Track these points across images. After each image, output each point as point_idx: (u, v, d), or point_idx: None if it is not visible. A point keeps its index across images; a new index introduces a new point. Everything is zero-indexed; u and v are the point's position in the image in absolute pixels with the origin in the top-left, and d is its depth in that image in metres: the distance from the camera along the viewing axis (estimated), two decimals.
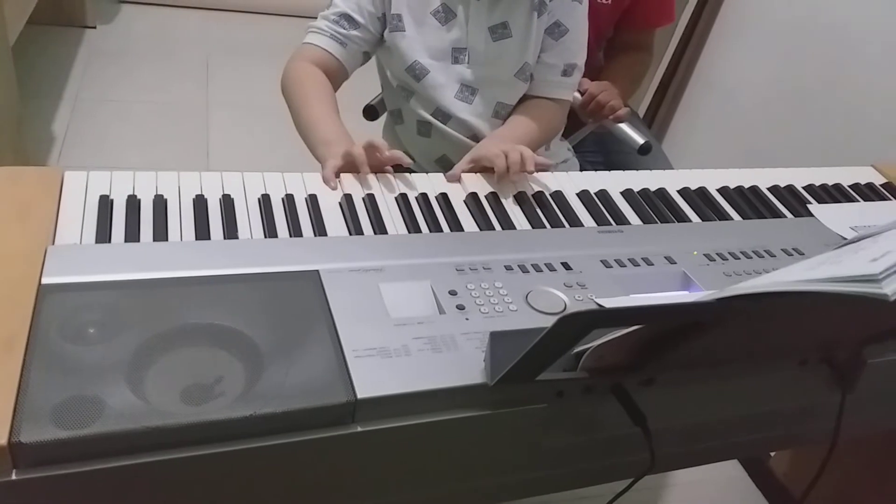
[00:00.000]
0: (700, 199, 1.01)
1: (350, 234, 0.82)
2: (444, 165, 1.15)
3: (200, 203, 0.82)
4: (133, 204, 0.79)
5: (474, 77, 1.09)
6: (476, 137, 1.12)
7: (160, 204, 0.80)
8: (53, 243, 0.71)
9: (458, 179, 0.96)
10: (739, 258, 0.87)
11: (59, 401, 0.54)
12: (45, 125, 2.10)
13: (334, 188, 0.89)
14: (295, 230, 0.81)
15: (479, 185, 0.96)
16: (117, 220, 0.77)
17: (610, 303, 0.74)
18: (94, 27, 2.61)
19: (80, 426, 0.53)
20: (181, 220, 0.79)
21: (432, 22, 1.07)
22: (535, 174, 0.99)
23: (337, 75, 1.08)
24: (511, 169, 0.94)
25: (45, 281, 0.65)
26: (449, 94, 1.10)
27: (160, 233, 0.77)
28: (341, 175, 0.91)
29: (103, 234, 0.74)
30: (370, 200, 0.88)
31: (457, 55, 1.08)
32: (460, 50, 1.08)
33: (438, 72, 1.08)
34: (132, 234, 0.76)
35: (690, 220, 0.97)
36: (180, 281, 0.68)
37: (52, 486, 0.54)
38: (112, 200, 0.79)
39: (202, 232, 0.78)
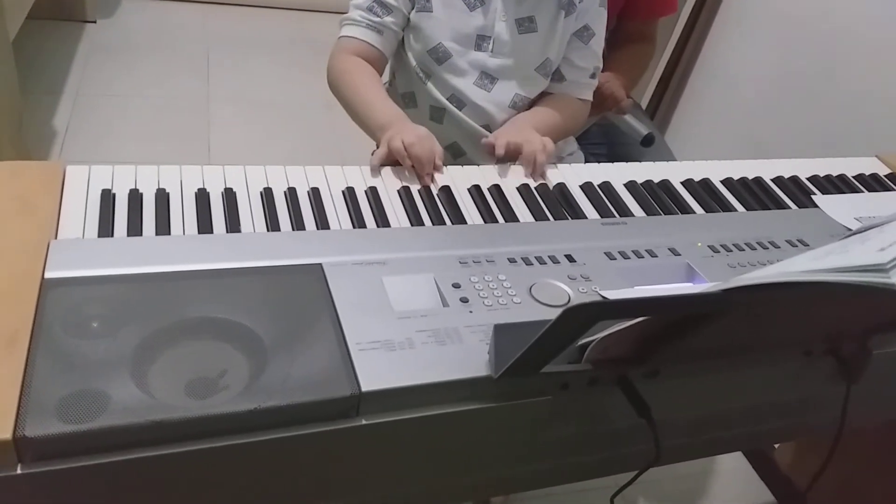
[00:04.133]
0: (704, 190, 1.01)
1: (353, 227, 0.82)
2: (453, 152, 1.15)
3: (203, 197, 0.81)
4: (135, 198, 0.79)
5: (495, 66, 1.10)
6: (489, 126, 1.12)
7: (162, 198, 0.80)
8: (56, 238, 0.71)
9: (492, 150, 1.00)
10: (744, 250, 0.87)
11: (64, 395, 0.54)
12: (46, 120, 2.09)
13: (375, 172, 0.92)
14: (297, 223, 0.81)
15: (482, 177, 0.96)
16: (119, 215, 0.77)
17: (614, 295, 0.74)
18: (95, 21, 2.60)
19: (84, 420, 0.53)
20: (183, 214, 0.79)
21: (460, 5, 1.07)
22: None
23: (378, 63, 1.10)
24: (537, 168, 0.98)
25: (48, 275, 0.65)
26: (468, 80, 1.10)
27: (163, 227, 0.76)
28: (344, 168, 0.91)
29: (106, 229, 0.74)
30: (373, 193, 0.88)
31: (480, 42, 1.09)
32: (484, 38, 1.08)
33: (460, 56, 1.09)
34: (135, 228, 0.75)
35: (694, 212, 0.96)
36: (183, 275, 0.68)
37: (56, 481, 0.54)
38: (114, 194, 0.79)
39: (205, 226, 0.78)
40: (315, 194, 0.86)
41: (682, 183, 1.02)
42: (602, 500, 0.79)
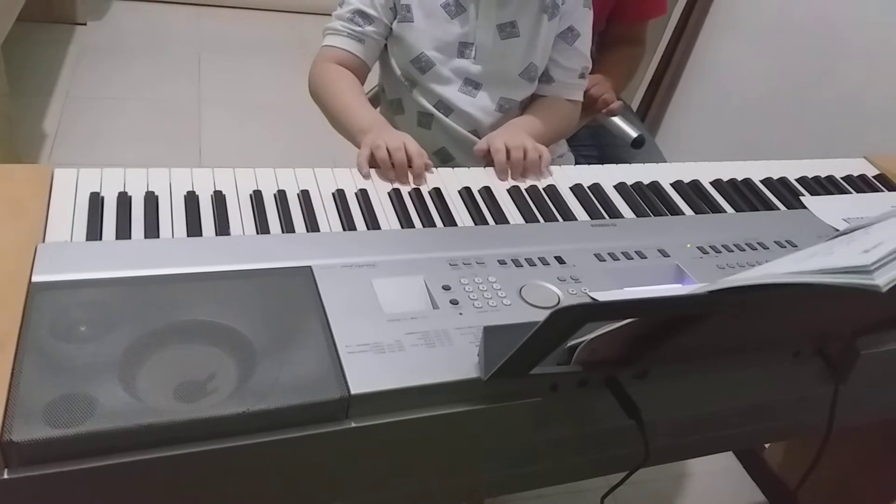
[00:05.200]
0: (693, 191, 1.02)
1: (343, 229, 0.82)
2: (442, 158, 1.15)
3: (192, 199, 0.81)
4: (124, 201, 0.79)
5: (479, 73, 1.10)
6: (477, 132, 1.12)
7: (151, 201, 0.80)
8: (44, 241, 0.71)
9: (486, 153, 1.00)
10: (733, 251, 0.87)
11: (51, 399, 0.54)
12: (36, 123, 2.08)
13: (367, 175, 0.92)
14: (287, 226, 0.81)
15: (472, 179, 0.96)
16: (108, 218, 0.77)
17: (603, 296, 0.74)
18: (85, 24, 2.60)
19: (71, 424, 0.53)
20: (173, 217, 0.79)
21: (441, 14, 1.07)
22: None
23: (359, 71, 1.10)
24: (530, 168, 0.98)
25: (35, 279, 0.65)
26: (453, 87, 1.10)
27: (151, 230, 0.76)
28: (334, 170, 0.91)
29: (94, 232, 0.74)
30: (363, 195, 0.88)
31: (462, 49, 1.09)
32: (467, 45, 1.08)
33: (443, 65, 1.09)
34: (123, 232, 0.75)
35: (683, 213, 0.97)
36: (172, 278, 0.68)
37: (44, 485, 0.53)
38: (103, 197, 0.79)
39: (194, 228, 0.78)
40: (305, 197, 0.86)
41: (671, 184, 1.02)
42: (593, 500, 0.80)
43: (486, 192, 0.93)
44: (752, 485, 1.50)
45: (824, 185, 1.09)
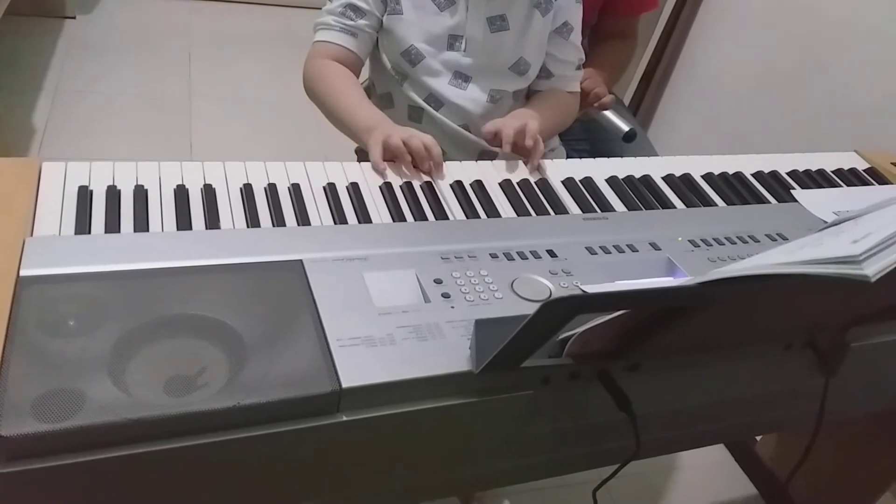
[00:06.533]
0: (684, 185, 1.02)
1: (334, 223, 0.82)
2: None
3: (182, 193, 0.81)
4: (113, 194, 0.78)
5: (469, 65, 1.10)
6: (468, 126, 1.12)
7: (141, 194, 0.79)
8: (32, 235, 0.70)
9: (493, 135, 1.01)
10: (724, 244, 0.87)
11: (40, 394, 0.54)
12: (25, 118, 2.07)
13: (384, 169, 0.91)
14: (278, 220, 0.80)
15: (464, 172, 0.96)
16: (97, 211, 0.76)
17: (594, 289, 0.74)
18: (74, 17, 2.58)
19: (61, 419, 0.52)
20: (162, 211, 0.78)
21: (430, 7, 1.07)
22: (519, 162, 0.99)
23: (354, 66, 1.10)
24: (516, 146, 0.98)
25: (23, 273, 0.64)
26: (443, 80, 1.10)
27: (141, 223, 0.76)
28: (325, 164, 0.91)
29: (83, 226, 0.73)
30: (354, 189, 0.88)
31: (452, 42, 1.08)
32: (456, 37, 1.08)
33: (433, 57, 1.09)
34: (112, 225, 0.75)
35: (675, 207, 0.97)
36: (162, 272, 0.67)
37: (34, 480, 0.53)
38: (91, 191, 0.78)
39: (184, 222, 0.77)
40: (296, 190, 0.85)
41: (663, 178, 1.02)
42: (585, 493, 0.80)
43: (478, 185, 0.93)
44: (744, 477, 1.51)
45: (815, 179, 1.10)
